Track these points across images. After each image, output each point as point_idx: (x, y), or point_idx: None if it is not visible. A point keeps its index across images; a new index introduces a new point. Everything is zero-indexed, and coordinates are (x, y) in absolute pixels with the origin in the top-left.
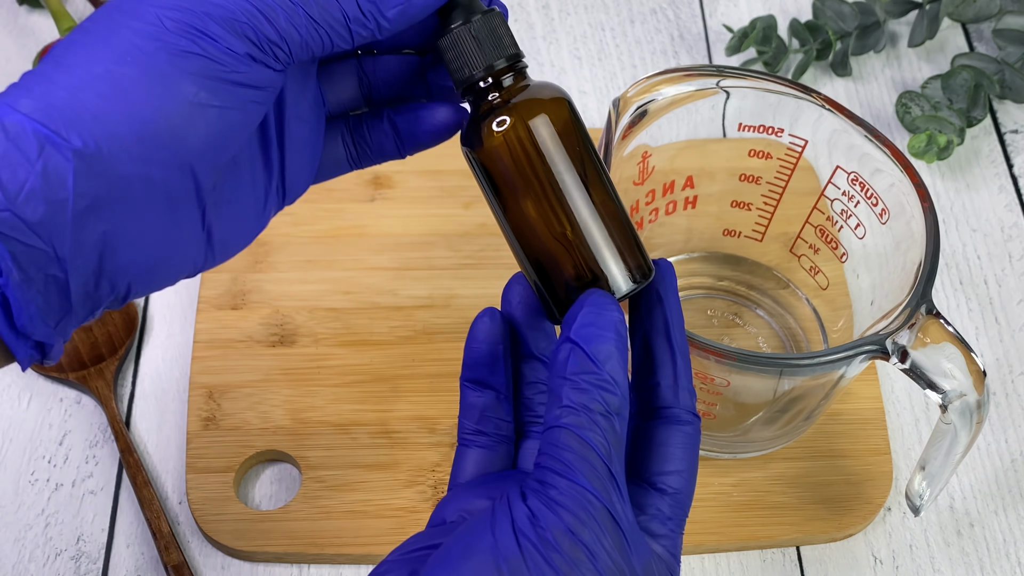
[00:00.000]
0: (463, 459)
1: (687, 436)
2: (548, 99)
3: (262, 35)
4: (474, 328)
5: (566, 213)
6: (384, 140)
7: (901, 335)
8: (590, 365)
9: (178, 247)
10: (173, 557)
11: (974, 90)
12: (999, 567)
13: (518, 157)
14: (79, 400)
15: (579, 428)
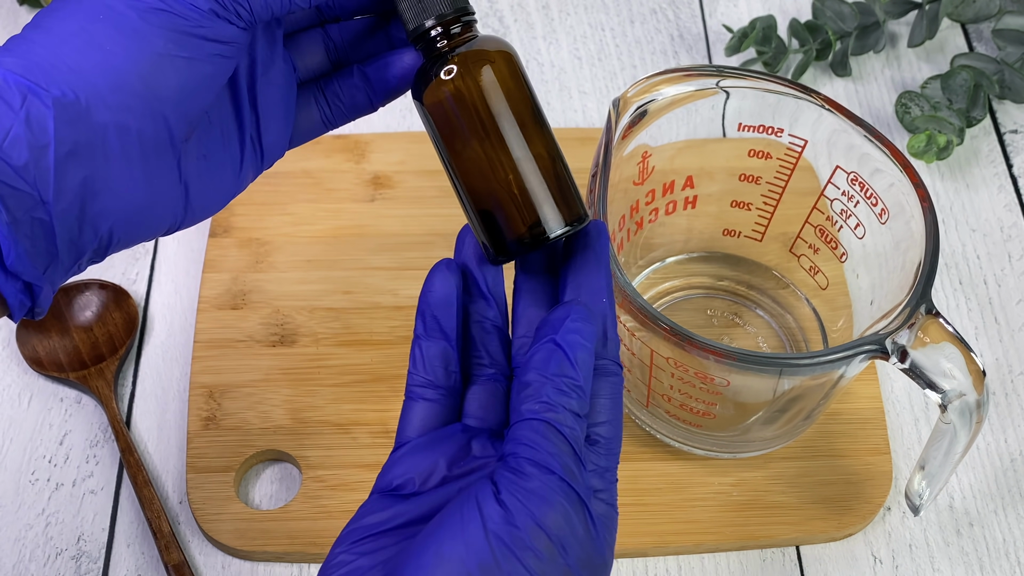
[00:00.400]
0: (410, 413)
1: (613, 386)
2: (493, 50)
3: None
4: (430, 277)
5: (506, 159)
6: (356, 94)
7: (901, 335)
8: (570, 369)
9: (156, 196)
10: (173, 557)
11: (973, 90)
12: (999, 567)
13: (463, 104)
14: (79, 400)
15: (559, 424)
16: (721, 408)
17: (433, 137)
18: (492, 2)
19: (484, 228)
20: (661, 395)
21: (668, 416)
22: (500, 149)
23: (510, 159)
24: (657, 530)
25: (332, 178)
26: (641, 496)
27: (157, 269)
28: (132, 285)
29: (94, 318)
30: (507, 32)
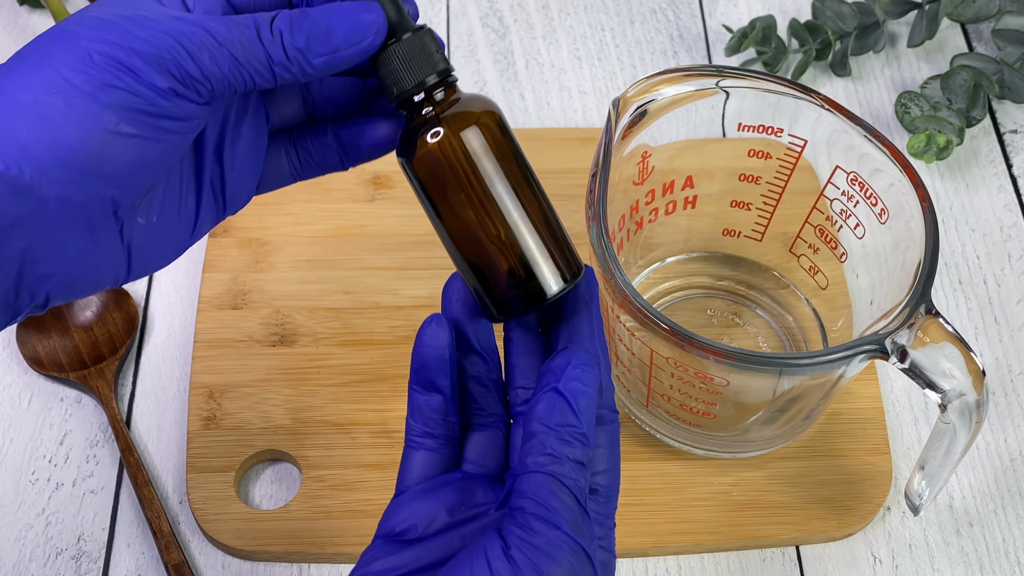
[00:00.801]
0: (410, 461)
1: (610, 435)
2: (479, 111)
3: (185, 72)
4: (421, 333)
5: (499, 218)
6: (327, 153)
7: (900, 335)
8: (573, 419)
9: (96, 262)
10: (173, 556)
11: (973, 90)
12: (999, 567)
13: (452, 166)
14: (79, 400)
15: (563, 476)
16: (721, 408)
17: (423, 199)
18: (492, 2)
19: (483, 288)
20: (661, 395)
21: (668, 416)
22: (493, 210)
23: (504, 220)
24: (657, 530)
25: (332, 178)
26: (641, 496)
27: None
28: (132, 285)
29: (94, 318)
30: (507, 32)
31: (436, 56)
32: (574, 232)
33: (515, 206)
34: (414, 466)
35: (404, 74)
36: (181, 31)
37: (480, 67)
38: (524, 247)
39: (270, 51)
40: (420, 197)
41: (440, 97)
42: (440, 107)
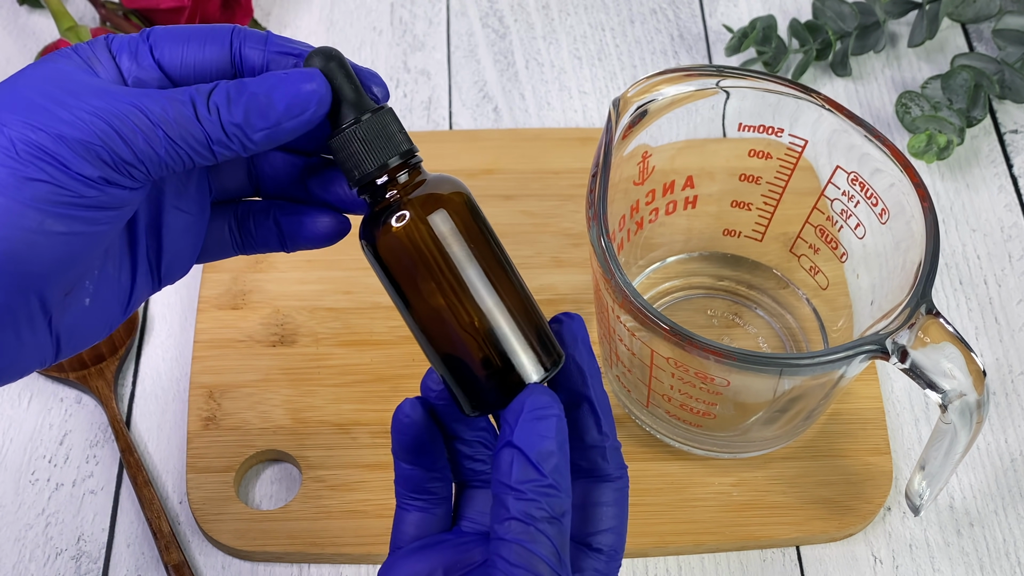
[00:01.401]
0: (402, 522)
1: (617, 492)
2: (446, 193)
3: (117, 157)
4: (395, 420)
5: (471, 305)
6: (269, 236)
7: (901, 335)
8: (533, 472)
9: (22, 355)
10: (173, 557)
11: (974, 90)
12: (999, 567)
13: (420, 252)
14: (79, 400)
15: (528, 542)
16: (721, 408)
17: (388, 286)
18: (492, 2)
19: (455, 380)
20: (661, 395)
21: (668, 416)
22: (465, 298)
23: (477, 307)
24: (657, 530)
25: None
26: (641, 496)
27: None
28: None
29: None
30: (507, 32)
31: (398, 136)
32: (574, 232)
33: (488, 292)
34: (406, 526)
35: (365, 156)
36: (112, 111)
37: (480, 67)
38: (500, 335)
39: (207, 129)
40: (385, 284)
41: (404, 179)
42: (405, 190)
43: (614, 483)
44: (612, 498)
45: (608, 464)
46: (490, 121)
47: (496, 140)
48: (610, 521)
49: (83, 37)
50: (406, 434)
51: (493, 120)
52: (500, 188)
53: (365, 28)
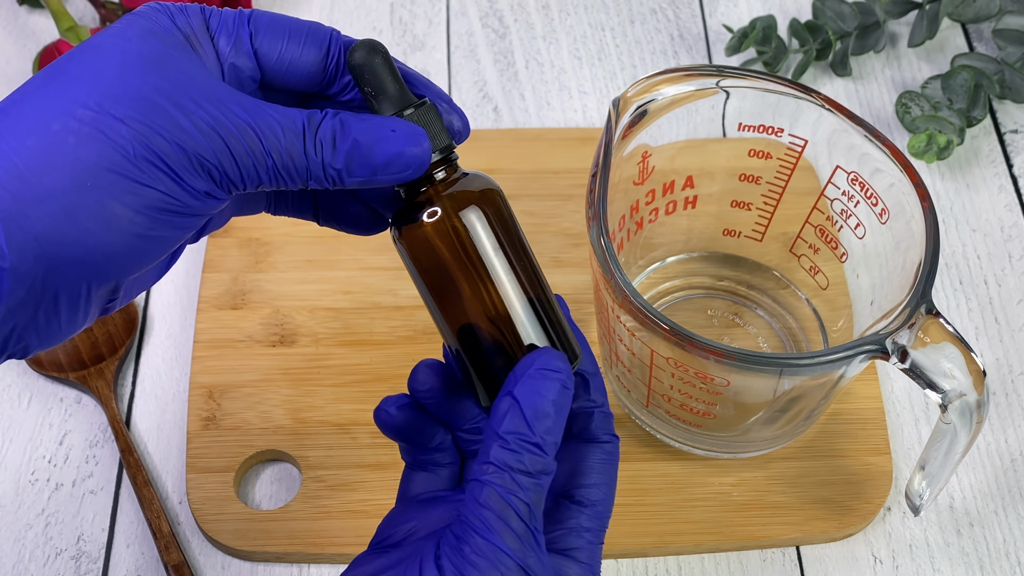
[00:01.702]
0: (409, 479)
1: (606, 455)
2: (478, 191)
3: (225, 176)
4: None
5: (498, 301)
6: (304, 207)
7: (901, 335)
8: (524, 426)
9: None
10: (173, 557)
11: (974, 90)
12: (999, 567)
13: (451, 248)
14: (79, 400)
15: (502, 487)
16: (721, 408)
17: (417, 278)
18: (492, 2)
19: (475, 372)
20: (661, 395)
21: (668, 416)
22: (492, 293)
23: (502, 303)
24: (657, 530)
25: None
26: (641, 496)
27: None
28: None
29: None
30: (507, 32)
31: (438, 132)
32: (574, 232)
33: (514, 289)
34: (413, 483)
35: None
36: (229, 128)
37: (480, 67)
38: (523, 330)
39: (311, 166)
40: (414, 276)
41: (441, 175)
42: (440, 186)
43: (602, 446)
44: (600, 458)
45: (597, 427)
46: (490, 121)
47: (496, 140)
48: (596, 478)
49: (83, 37)
50: (389, 427)
51: (493, 120)
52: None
53: (365, 28)
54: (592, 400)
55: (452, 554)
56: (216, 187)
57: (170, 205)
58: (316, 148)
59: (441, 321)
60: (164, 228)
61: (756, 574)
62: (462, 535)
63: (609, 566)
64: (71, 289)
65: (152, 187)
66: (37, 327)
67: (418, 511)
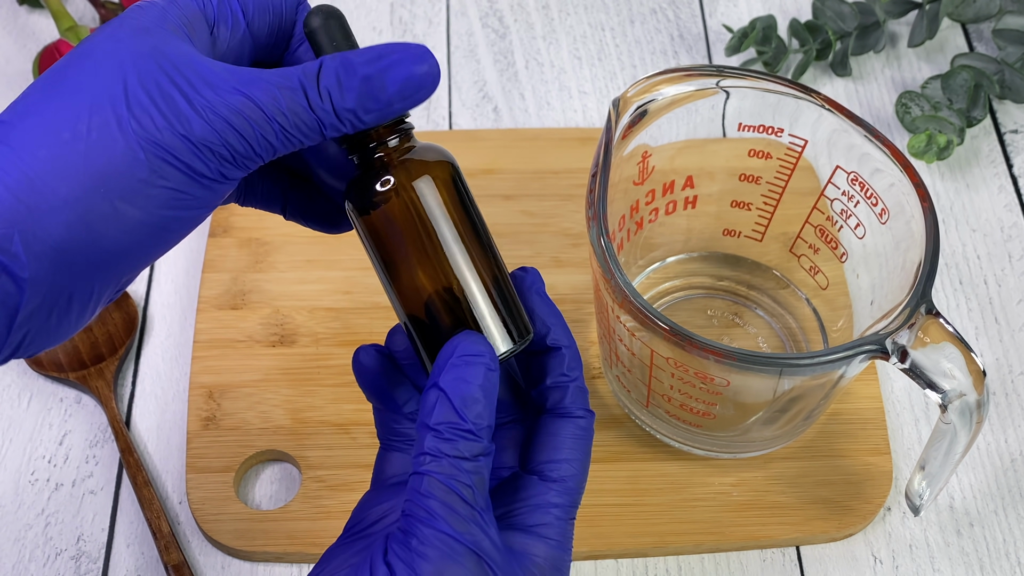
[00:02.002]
0: (383, 460)
1: (579, 430)
2: (432, 161)
3: (236, 153)
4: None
5: (448, 273)
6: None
7: (901, 335)
8: (454, 415)
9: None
10: (173, 557)
11: (974, 90)
12: (999, 567)
13: (402, 218)
14: (79, 400)
15: (441, 474)
16: (721, 408)
17: (369, 249)
18: (492, 2)
19: (423, 344)
20: (661, 395)
21: (668, 416)
22: (442, 265)
23: (451, 276)
24: (657, 530)
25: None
26: (641, 496)
27: (157, 269)
28: (132, 285)
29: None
30: (507, 32)
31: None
32: (574, 232)
33: (465, 262)
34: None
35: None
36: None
37: (480, 67)
38: (473, 305)
39: (320, 117)
40: (366, 246)
41: (394, 144)
42: (393, 154)
43: (575, 420)
44: (572, 433)
45: (570, 402)
46: (490, 121)
47: (496, 140)
48: (567, 453)
49: (82, 36)
50: (365, 377)
51: (493, 120)
52: (500, 188)
53: (365, 28)
54: (565, 375)
55: (400, 550)
56: (231, 166)
57: (182, 200)
58: (322, 97)
59: (390, 291)
60: (175, 224)
61: (756, 574)
62: (408, 528)
63: (609, 566)
64: (84, 290)
65: (164, 186)
66: (48, 329)
67: (391, 494)
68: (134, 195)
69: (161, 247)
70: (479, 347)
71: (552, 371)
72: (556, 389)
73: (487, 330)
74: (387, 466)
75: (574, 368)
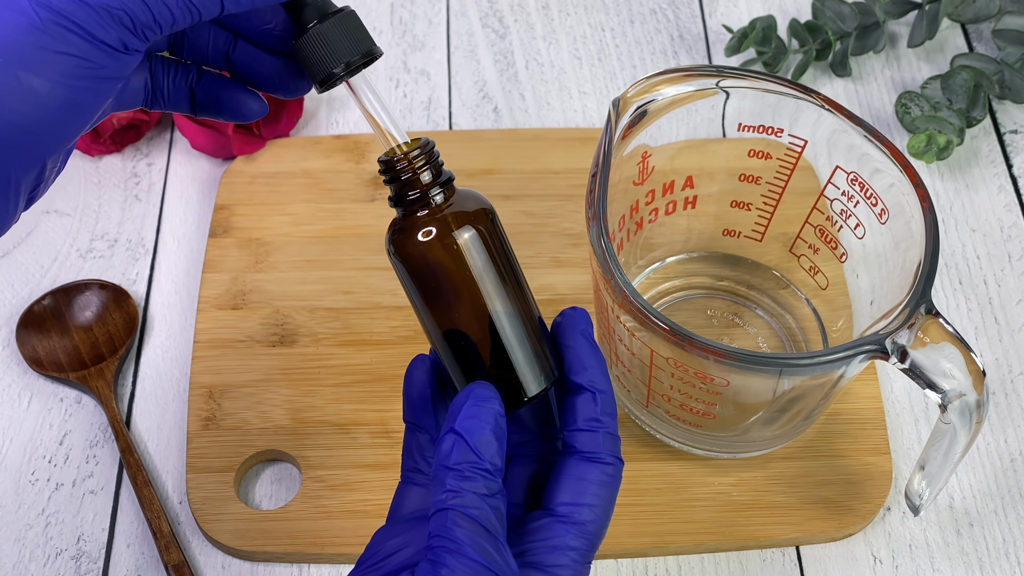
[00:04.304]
0: (402, 495)
1: (605, 476)
2: (471, 211)
3: (136, 19)
4: (408, 371)
5: (487, 319)
6: (180, 98)
7: (900, 335)
8: (472, 455)
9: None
10: (173, 557)
11: (973, 90)
12: (999, 567)
13: (437, 267)
14: (79, 400)
15: (465, 508)
16: (721, 408)
17: (410, 292)
18: (492, 2)
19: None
20: (661, 395)
21: (668, 416)
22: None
23: (492, 322)
24: (657, 530)
25: (332, 178)
26: (641, 496)
27: (157, 269)
28: (132, 285)
29: (94, 318)
30: (507, 32)
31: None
32: (574, 232)
33: (504, 308)
34: (406, 499)
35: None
36: None
37: (480, 67)
38: (510, 351)
39: None
40: (408, 290)
41: (439, 199)
42: (434, 205)
43: (603, 466)
44: (598, 479)
45: (601, 448)
46: (490, 121)
47: (496, 140)
48: (591, 498)
49: None
50: (414, 386)
51: (493, 120)
52: (500, 188)
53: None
54: (598, 420)
55: None
56: (131, 34)
57: (87, 69)
58: None
59: (437, 337)
60: (84, 95)
61: (756, 574)
62: (435, 558)
63: (609, 566)
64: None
65: (66, 52)
66: None
67: (406, 529)
68: (36, 64)
69: (73, 125)
70: (487, 394)
71: (585, 414)
72: (587, 433)
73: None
74: (405, 500)
75: (607, 413)
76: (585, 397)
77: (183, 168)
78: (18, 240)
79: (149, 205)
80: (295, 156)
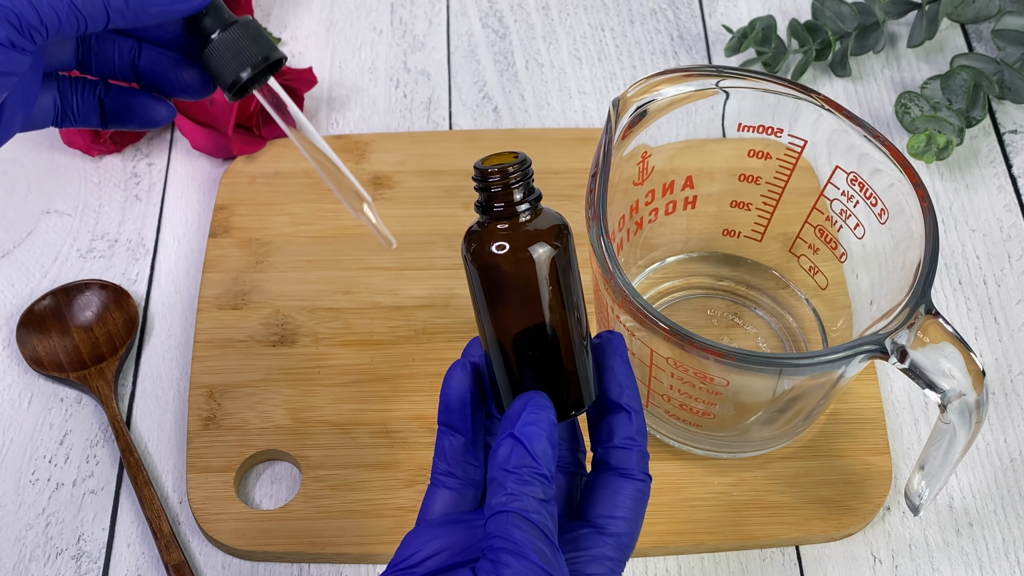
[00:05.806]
0: (432, 498)
1: (637, 492)
2: (550, 228)
3: (24, 21)
4: (447, 375)
5: (549, 334)
6: (90, 113)
7: (900, 335)
8: (530, 460)
9: None
10: (173, 556)
11: (973, 90)
12: (998, 567)
13: (515, 278)
14: (79, 400)
15: (526, 511)
16: (721, 408)
17: (477, 296)
18: (492, 2)
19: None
20: (661, 395)
21: (668, 416)
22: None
23: (553, 337)
24: (657, 530)
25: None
26: None
27: (157, 269)
28: (132, 285)
29: (94, 318)
30: (507, 32)
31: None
32: (574, 232)
33: (566, 325)
34: (436, 502)
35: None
36: None
37: (480, 67)
38: (567, 366)
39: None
40: (475, 294)
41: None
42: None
43: (636, 482)
44: (632, 494)
45: (634, 465)
46: (490, 121)
47: (496, 140)
48: (625, 512)
49: None
50: (454, 388)
51: (493, 120)
52: None
53: (365, 28)
54: (633, 438)
55: None
56: (17, 33)
57: None
58: None
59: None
60: None
61: (756, 574)
62: (497, 559)
63: None
64: None
65: None
66: None
67: (441, 533)
68: None
69: None
70: (544, 401)
71: (621, 432)
72: (622, 450)
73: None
74: (435, 504)
75: (641, 432)
76: (621, 416)
77: (183, 168)
78: (18, 240)
79: (149, 205)
80: (295, 156)
